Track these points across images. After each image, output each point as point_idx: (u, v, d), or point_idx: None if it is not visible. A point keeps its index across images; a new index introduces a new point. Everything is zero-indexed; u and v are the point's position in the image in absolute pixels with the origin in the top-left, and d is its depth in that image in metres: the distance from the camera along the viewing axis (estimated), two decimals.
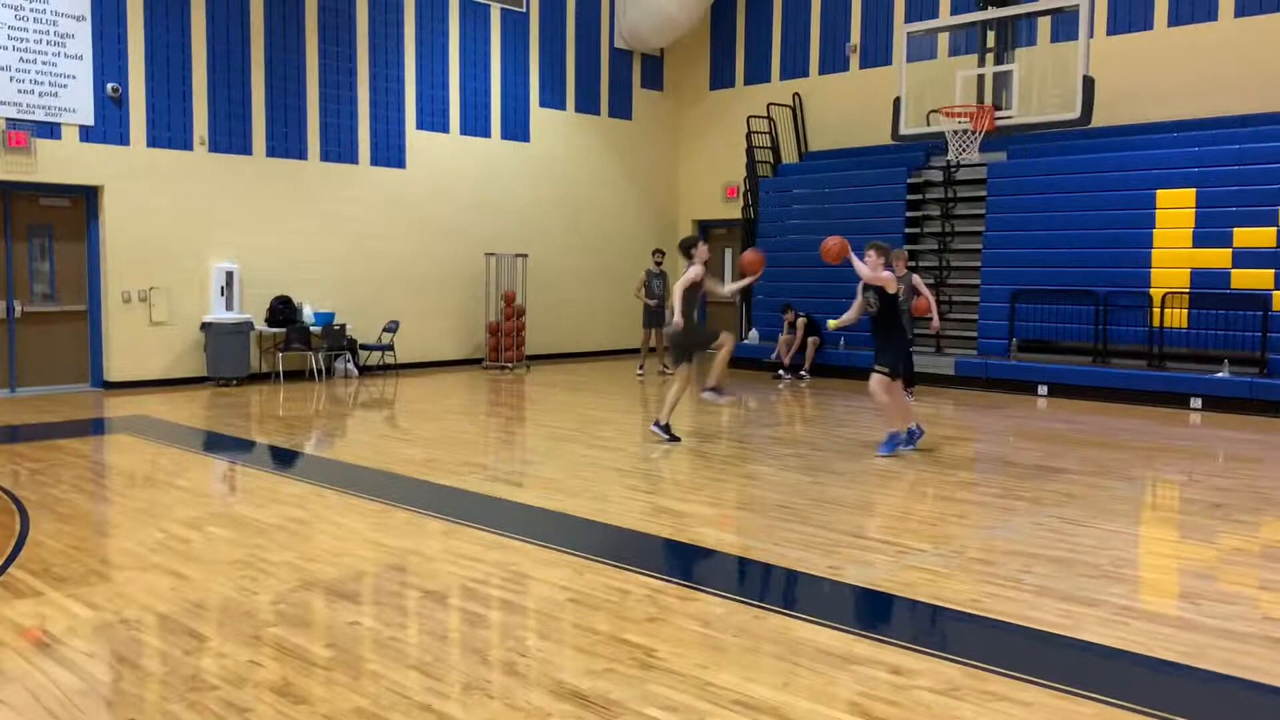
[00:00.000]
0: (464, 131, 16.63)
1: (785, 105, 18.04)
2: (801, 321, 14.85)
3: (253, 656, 4.26)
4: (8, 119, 12.22)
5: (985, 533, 6.38)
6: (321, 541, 6.09)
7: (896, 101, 13.59)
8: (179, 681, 4.00)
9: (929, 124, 13.74)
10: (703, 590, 5.20)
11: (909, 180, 15.87)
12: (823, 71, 17.83)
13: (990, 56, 13.32)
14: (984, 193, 14.99)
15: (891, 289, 8.69)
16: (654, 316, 15.35)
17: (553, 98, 17.84)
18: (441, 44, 16.28)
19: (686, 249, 9.52)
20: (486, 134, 16.95)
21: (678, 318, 9.20)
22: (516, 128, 17.35)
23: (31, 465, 8.36)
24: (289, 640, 4.46)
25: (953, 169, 15.21)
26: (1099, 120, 12.84)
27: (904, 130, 13.56)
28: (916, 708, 3.79)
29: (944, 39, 15.58)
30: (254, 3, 14.17)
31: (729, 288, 10.27)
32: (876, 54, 17.09)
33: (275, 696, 3.86)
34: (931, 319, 12.55)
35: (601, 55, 18.59)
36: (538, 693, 3.91)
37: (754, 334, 16.70)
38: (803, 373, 14.81)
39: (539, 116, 17.67)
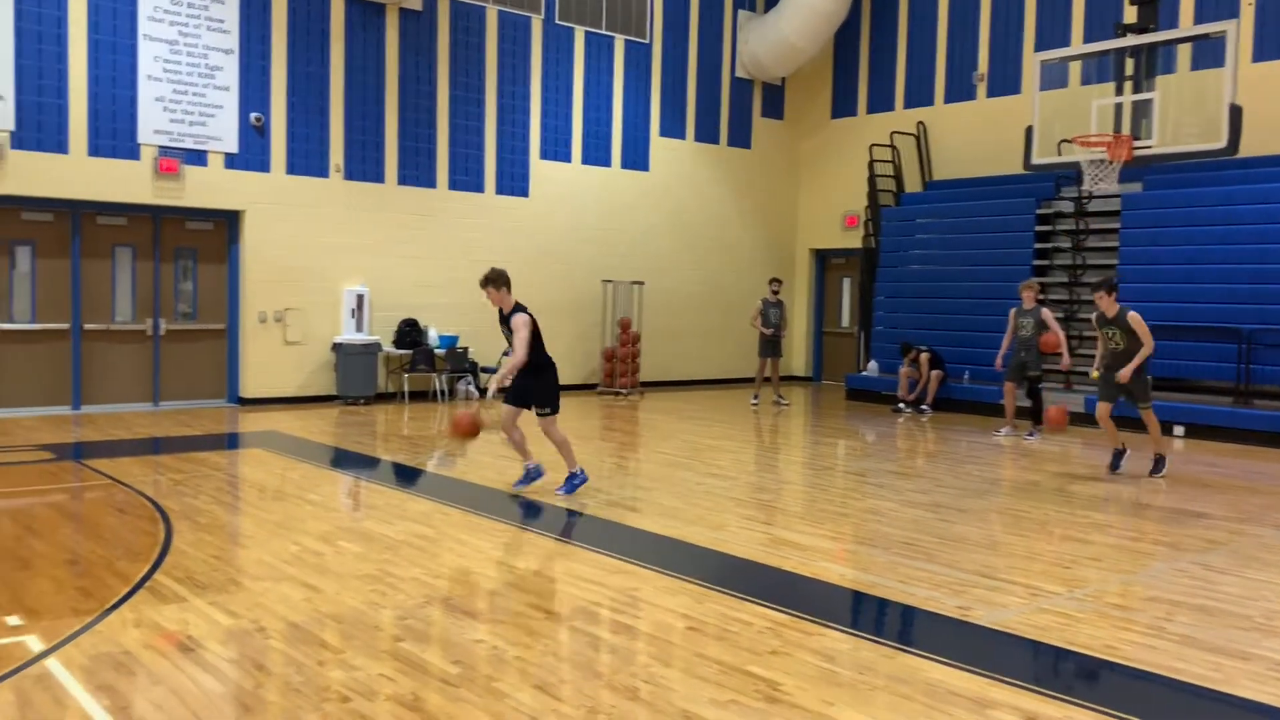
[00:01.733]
0: (585, 161, 16.88)
1: (909, 134, 17.80)
2: (925, 356, 14.55)
3: (382, 670, 4.35)
4: (160, 147, 12.92)
5: (1122, 577, 6.10)
6: (447, 559, 6.20)
7: (1028, 130, 13.27)
8: (312, 691, 4.11)
9: (1060, 153, 13.37)
10: (826, 625, 5.10)
11: (1038, 211, 15.45)
12: (948, 100, 17.54)
13: (1128, 84, 12.89)
14: (1117, 225, 14.48)
15: (519, 333, 7.77)
16: (770, 346, 15.24)
17: (673, 127, 17.98)
18: (566, 75, 16.59)
19: (1109, 288, 9.57)
20: (607, 163, 17.16)
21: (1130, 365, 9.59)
22: (636, 157, 17.53)
23: (173, 476, 8.76)
24: (417, 655, 4.54)
25: (1085, 200, 14.74)
26: (1243, 150, 12.29)
27: (1035, 160, 13.22)
28: None
29: (1075, 66, 15.15)
30: (389, 36, 14.70)
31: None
32: (1005, 82, 16.72)
33: (405, 710, 3.93)
34: (1061, 355, 12.13)
35: (722, 85, 18.67)
36: None
37: (873, 365, 16.43)
38: (924, 405, 14.49)
39: (658, 146, 17.82)
